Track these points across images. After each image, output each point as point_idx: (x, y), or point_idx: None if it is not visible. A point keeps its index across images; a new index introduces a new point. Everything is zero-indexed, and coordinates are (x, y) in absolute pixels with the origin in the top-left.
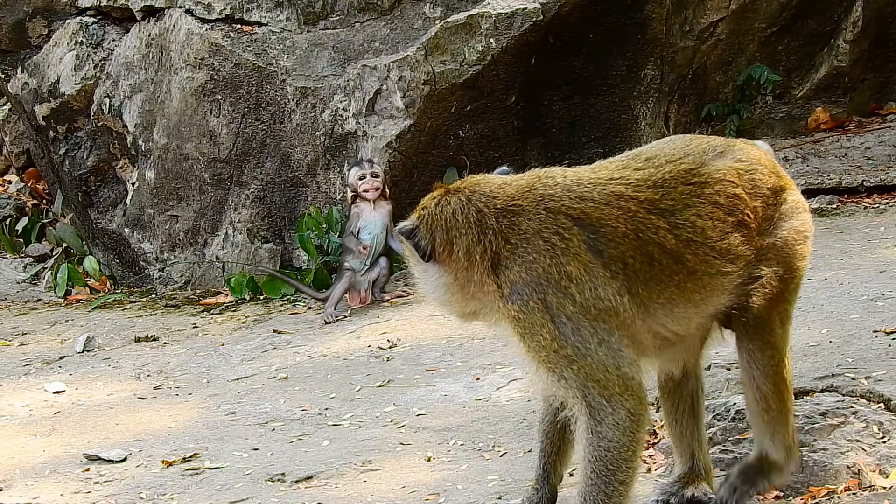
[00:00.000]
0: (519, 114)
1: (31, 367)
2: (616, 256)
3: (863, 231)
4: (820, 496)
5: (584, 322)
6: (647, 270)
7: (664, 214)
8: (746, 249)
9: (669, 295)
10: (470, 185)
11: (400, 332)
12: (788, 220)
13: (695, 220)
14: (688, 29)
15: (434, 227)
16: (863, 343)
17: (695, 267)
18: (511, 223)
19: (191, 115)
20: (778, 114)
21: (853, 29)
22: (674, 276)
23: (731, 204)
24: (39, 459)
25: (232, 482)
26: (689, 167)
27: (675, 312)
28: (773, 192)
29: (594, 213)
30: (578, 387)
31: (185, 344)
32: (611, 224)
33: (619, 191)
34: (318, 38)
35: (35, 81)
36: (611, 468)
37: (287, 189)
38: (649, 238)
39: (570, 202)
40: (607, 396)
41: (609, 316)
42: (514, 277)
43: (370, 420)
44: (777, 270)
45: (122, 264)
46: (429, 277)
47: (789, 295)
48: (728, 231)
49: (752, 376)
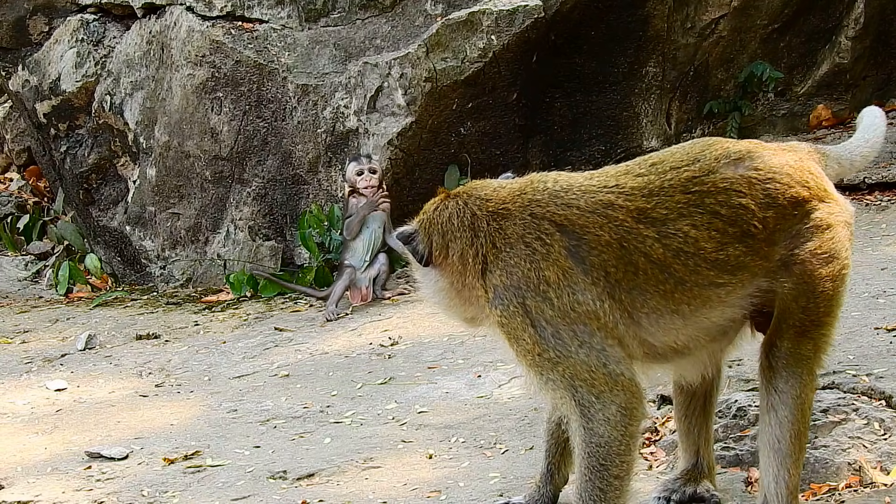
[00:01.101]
0: (520, 111)
1: (32, 365)
2: (597, 264)
3: (864, 228)
4: (821, 493)
5: (562, 325)
6: (631, 279)
7: (654, 224)
8: (751, 260)
9: (655, 305)
10: (468, 190)
11: (401, 330)
12: (808, 240)
13: (688, 231)
14: (689, 26)
15: (431, 231)
16: (864, 340)
17: (684, 277)
18: (499, 227)
19: (192, 112)
20: (780, 111)
21: (855, 26)
22: (659, 286)
23: (735, 214)
24: (41, 457)
25: (234, 480)
26: (693, 175)
27: (662, 323)
28: (792, 204)
29: (578, 221)
30: (566, 387)
31: (186, 342)
32: (594, 232)
33: (608, 199)
34: (319, 36)
35: (36, 79)
36: (603, 463)
37: (288, 186)
38: (634, 247)
39: (556, 208)
40: (596, 394)
41: (589, 319)
42: (496, 282)
43: (372, 417)
44: (797, 297)
45: (124, 262)
46: (428, 282)
47: (819, 327)
48: (727, 242)
49: (771, 405)
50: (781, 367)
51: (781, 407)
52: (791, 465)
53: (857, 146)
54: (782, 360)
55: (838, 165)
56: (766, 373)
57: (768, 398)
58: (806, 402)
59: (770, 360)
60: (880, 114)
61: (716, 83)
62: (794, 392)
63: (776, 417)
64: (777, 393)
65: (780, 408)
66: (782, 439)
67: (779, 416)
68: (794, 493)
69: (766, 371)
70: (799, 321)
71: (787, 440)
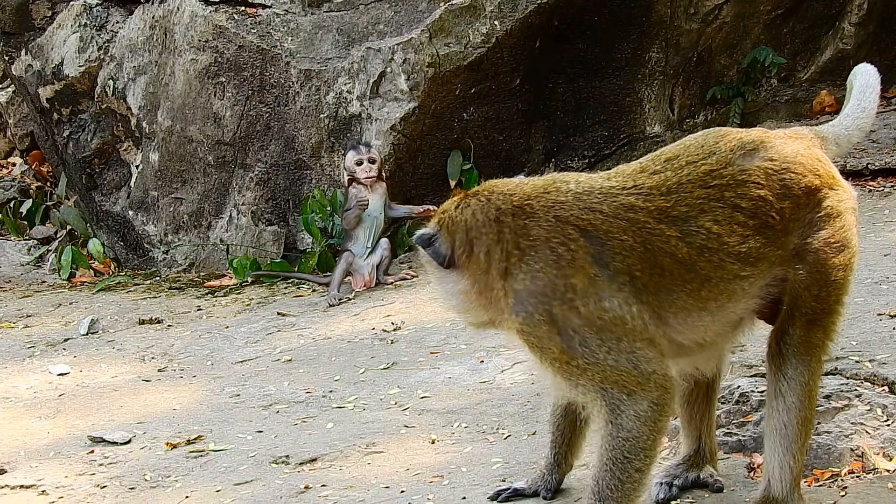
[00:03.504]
0: (523, 96)
1: (35, 350)
2: (622, 269)
3: (867, 214)
4: (824, 479)
5: (589, 334)
6: (657, 281)
7: (676, 222)
8: (770, 251)
9: (682, 304)
10: (488, 187)
11: (404, 315)
12: (821, 229)
13: (710, 227)
14: (692, 11)
15: (454, 231)
16: (867, 326)
17: (709, 274)
18: (524, 225)
19: (195, 97)
20: (783, 97)
21: (858, 12)
22: (686, 286)
23: (755, 206)
24: (44, 441)
25: (236, 464)
26: (711, 169)
27: (690, 321)
28: (806, 193)
29: (602, 226)
30: (596, 390)
31: (189, 326)
32: (618, 237)
33: (629, 202)
34: (322, 21)
35: (39, 63)
36: (627, 456)
37: (291, 172)
38: (658, 248)
39: (580, 212)
40: (627, 392)
41: (615, 325)
42: (519, 287)
43: (374, 402)
44: (809, 286)
45: (127, 247)
46: (447, 284)
47: (829, 315)
48: (749, 234)
49: (779, 391)
50: (791, 355)
51: (790, 393)
52: (797, 450)
53: (853, 119)
54: (793, 347)
55: (836, 146)
56: (775, 360)
57: (777, 384)
58: (813, 389)
59: (781, 347)
60: (873, 72)
61: (719, 69)
62: (803, 379)
63: (784, 404)
64: (786, 380)
65: (788, 394)
66: (790, 425)
67: (787, 403)
68: (797, 478)
69: (775, 358)
70: (811, 309)
71: (795, 426)
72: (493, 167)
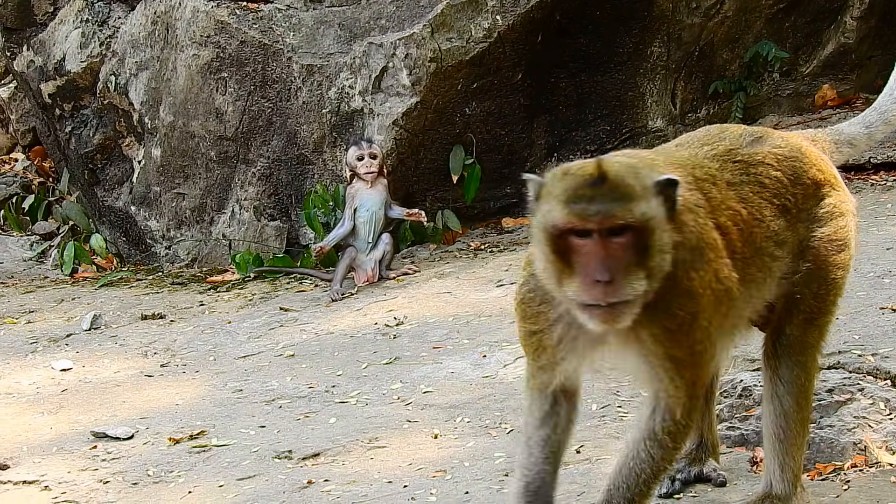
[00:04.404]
0: (525, 91)
1: (37, 345)
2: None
3: (869, 208)
4: (826, 473)
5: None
6: (747, 249)
7: (733, 187)
8: (789, 236)
9: (752, 274)
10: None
11: (406, 310)
12: (823, 224)
13: (751, 196)
14: (694, 6)
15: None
16: (869, 320)
17: (760, 244)
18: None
19: (197, 92)
20: (785, 91)
21: (860, 5)
22: (744, 252)
23: (775, 186)
24: (46, 437)
25: (239, 459)
26: (730, 147)
27: (748, 293)
28: (813, 184)
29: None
30: (681, 386)
31: (191, 321)
32: (722, 213)
33: (706, 174)
34: (324, 16)
35: (41, 59)
36: (669, 445)
37: (293, 167)
38: (735, 212)
39: (696, 197)
40: (690, 395)
41: (728, 308)
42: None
43: (377, 397)
44: (810, 282)
45: (129, 242)
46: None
47: (825, 314)
48: (775, 214)
49: (776, 393)
50: (786, 356)
51: (787, 397)
52: (795, 451)
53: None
54: (788, 348)
55: (851, 147)
56: (769, 361)
57: (773, 388)
58: (809, 391)
59: (776, 347)
60: None
61: (721, 63)
62: (799, 381)
63: (781, 408)
64: (782, 383)
65: (784, 398)
66: (787, 429)
67: (784, 407)
68: (798, 475)
69: (770, 359)
70: (808, 307)
71: (792, 430)
72: (496, 162)
